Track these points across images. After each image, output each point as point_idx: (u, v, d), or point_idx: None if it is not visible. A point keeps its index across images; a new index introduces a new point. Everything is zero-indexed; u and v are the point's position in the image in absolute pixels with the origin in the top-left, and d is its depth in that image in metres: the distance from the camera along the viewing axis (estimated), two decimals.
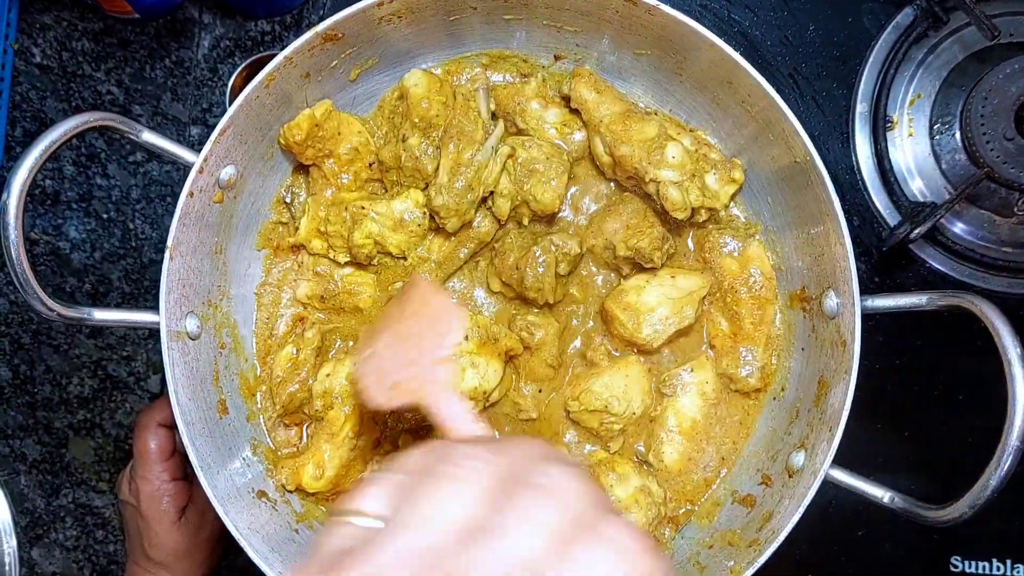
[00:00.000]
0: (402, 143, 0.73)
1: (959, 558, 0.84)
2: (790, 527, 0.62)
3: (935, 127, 0.84)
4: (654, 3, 0.65)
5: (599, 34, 0.72)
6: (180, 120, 0.88)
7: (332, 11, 0.65)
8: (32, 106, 0.89)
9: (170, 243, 0.64)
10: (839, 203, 0.63)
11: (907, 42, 0.83)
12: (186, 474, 0.79)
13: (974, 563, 0.84)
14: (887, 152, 0.83)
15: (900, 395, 0.85)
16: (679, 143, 0.71)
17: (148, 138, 0.63)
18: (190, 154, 0.64)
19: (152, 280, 0.90)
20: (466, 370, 0.67)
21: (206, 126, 0.88)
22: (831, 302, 0.67)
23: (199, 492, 0.70)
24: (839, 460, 0.62)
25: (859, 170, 0.85)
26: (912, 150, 0.84)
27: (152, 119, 0.88)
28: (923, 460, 0.85)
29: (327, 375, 0.72)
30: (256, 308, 0.77)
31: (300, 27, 0.88)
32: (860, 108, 0.85)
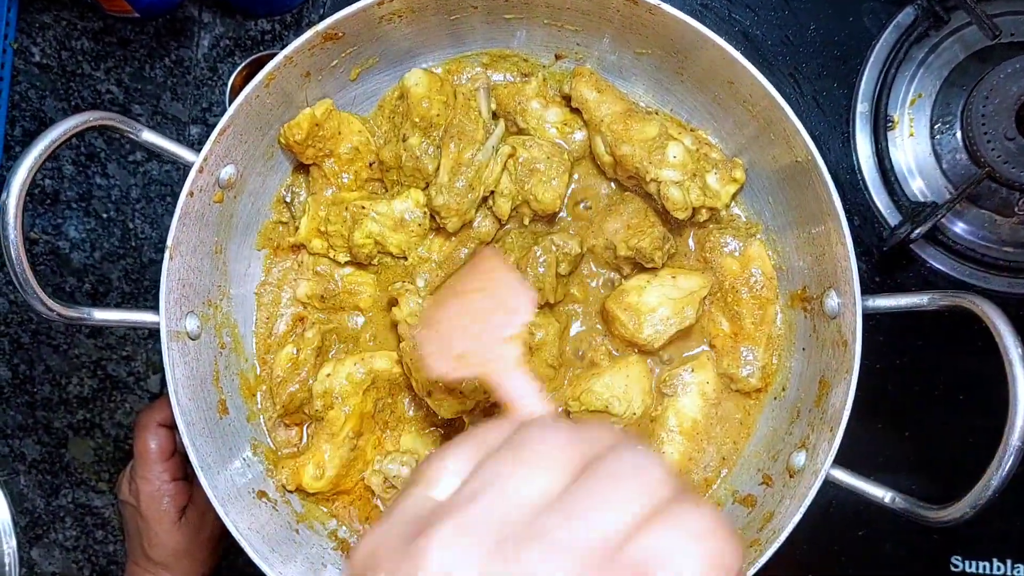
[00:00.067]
0: (402, 142, 0.72)
1: (959, 558, 0.84)
2: (791, 527, 0.62)
3: (936, 127, 0.84)
4: (655, 2, 0.64)
5: (600, 33, 0.72)
6: (180, 119, 0.88)
7: (332, 10, 0.65)
8: (32, 105, 0.89)
9: (170, 243, 0.64)
10: (840, 203, 0.63)
11: (908, 41, 0.83)
12: (186, 474, 0.79)
13: (974, 563, 0.84)
14: (888, 152, 0.83)
15: (901, 395, 0.85)
16: (680, 143, 0.71)
17: (148, 137, 0.62)
18: (190, 154, 0.64)
19: (152, 280, 0.89)
20: None
21: (206, 125, 0.88)
22: (832, 302, 0.67)
23: (199, 492, 0.70)
24: (840, 460, 0.62)
25: (860, 170, 0.85)
26: (913, 150, 0.84)
27: (152, 118, 0.88)
28: (924, 460, 0.85)
29: (327, 375, 0.72)
30: (256, 308, 0.77)
31: (300, 26, 0.88)
32: (861, 108, 0.85)
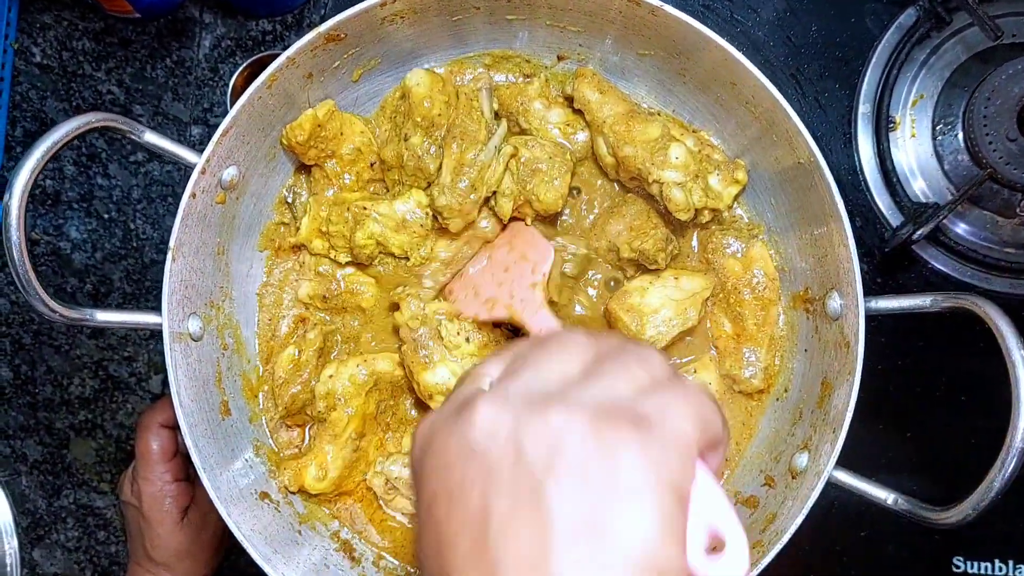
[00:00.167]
0: (404, 142, 0.72)
1: (961, 559, 0.84)
2: (794, 528, 0.62)
3: (938, 128, 0.83)
4: (657, 4, 0.64)
5: (602, 34, 0.72)
6: (181, 120, 0.88)
7: (333, 11, 0.65)
8: (32, 106, 0.88)
9: (172, 244, 0.64)
10: (843, 204, 0.63)
11: (910, 43, 0.83)
12: (188, 475, 0.79)
13: (976, 564, 0.84)
14: (889, 153, 0.83)
15: (903, 396, 0.85)
16: (682, 144, 0.70)
17: (150, 139, 0.62)
18: (192, 155, 0.64)
19: (153, 281, 0.89)
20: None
21: (207, 126, 0.88)
22: (834, 303, 0.67)
23: (201, 493, 0.70)
24: (842, 461, 0.62)
25: (861, 171, 0.85)
26: (915, 151, 0.84)
27: (153, 119, 0.88)
28: (926, 461, 0.85)
29: (330, 376, 0.72)
30: (258, 309, 0.77)
31: (301, 27, 0.88)
32: (863, 109, 0.85)
